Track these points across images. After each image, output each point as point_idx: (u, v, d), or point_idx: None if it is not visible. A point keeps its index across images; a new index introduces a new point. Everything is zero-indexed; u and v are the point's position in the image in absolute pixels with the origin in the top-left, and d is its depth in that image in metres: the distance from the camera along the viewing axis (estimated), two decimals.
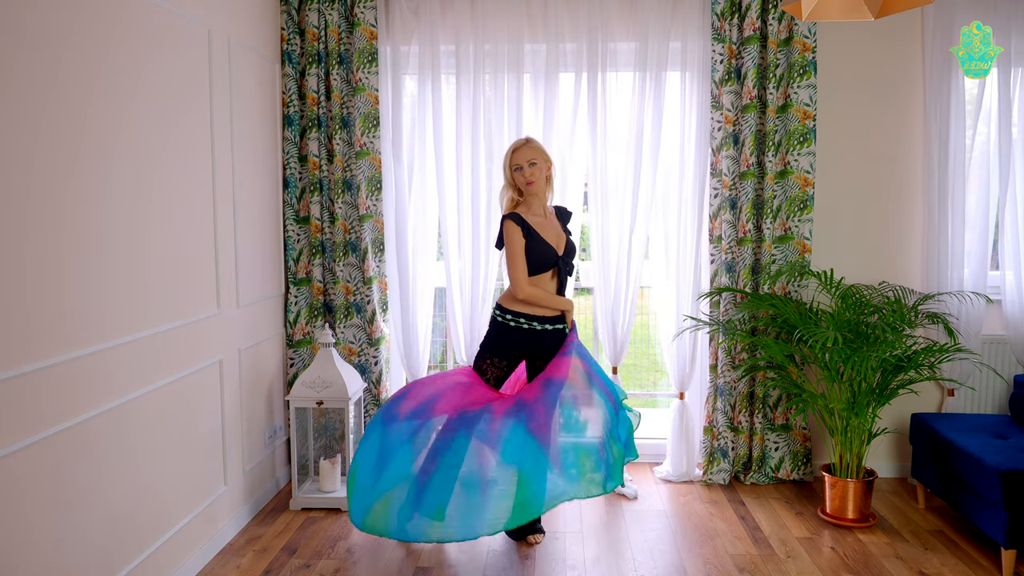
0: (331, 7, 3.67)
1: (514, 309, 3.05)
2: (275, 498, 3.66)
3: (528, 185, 3.04)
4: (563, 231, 3.15)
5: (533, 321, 3.05)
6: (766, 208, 3.69)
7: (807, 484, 3.83)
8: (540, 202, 3.11)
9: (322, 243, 3.84)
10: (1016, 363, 3.81)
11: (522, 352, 3.11)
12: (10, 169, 1.92)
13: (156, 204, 2.61)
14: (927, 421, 3.43)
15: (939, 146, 3.67)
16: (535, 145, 3.08)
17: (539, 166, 3.05)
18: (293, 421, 3.49)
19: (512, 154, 3.08)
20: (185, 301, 2.82)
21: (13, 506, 1.95)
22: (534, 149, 3.06)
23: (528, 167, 3.03)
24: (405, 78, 3.85)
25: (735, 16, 3.64)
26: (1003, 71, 3.62)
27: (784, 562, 2.99)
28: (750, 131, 3.67)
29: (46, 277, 2.06)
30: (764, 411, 3.80)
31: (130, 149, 2.44)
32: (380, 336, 3.85)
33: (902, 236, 3.86)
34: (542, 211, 3.11)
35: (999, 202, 3.72)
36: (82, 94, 2.20)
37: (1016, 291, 3.73)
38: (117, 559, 2.39)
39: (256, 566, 2.95)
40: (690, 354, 3.84)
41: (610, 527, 3.34)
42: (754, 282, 3.78)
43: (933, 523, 3.38)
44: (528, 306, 3.04)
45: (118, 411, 2.39)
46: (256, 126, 3.47)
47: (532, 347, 3.08)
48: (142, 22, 2.51)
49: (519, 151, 3.06)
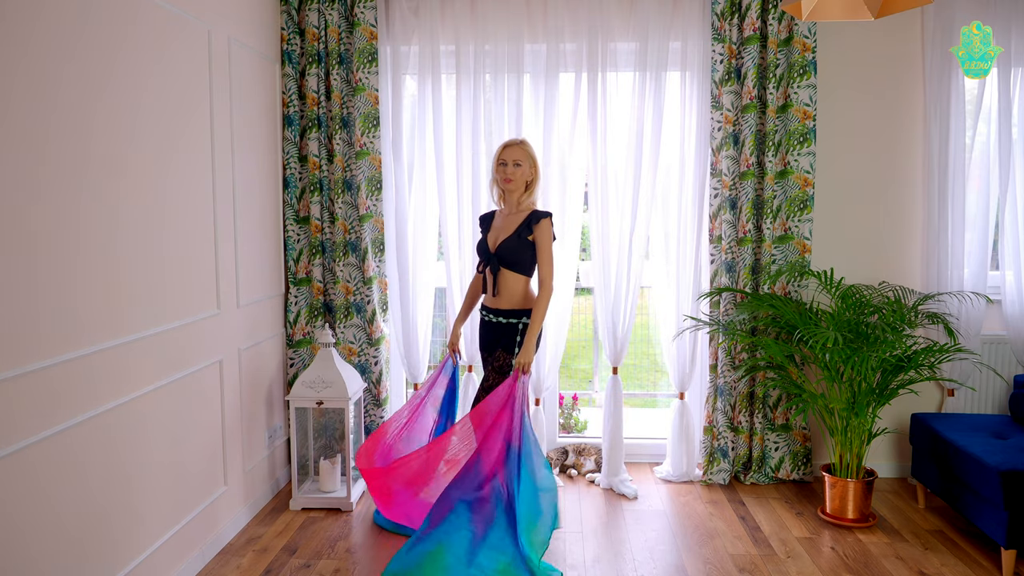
0: (331, 7, 3.67)
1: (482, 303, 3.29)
2: (275, 498, 3.66)
3: (505, 182, 3.13)
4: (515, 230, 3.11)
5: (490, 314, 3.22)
6: (766, 208, 3.69)
7: (807, 484, 3.83)
8: (512, 201, 3.19)
9: (322, 243, 3.84)
10: (1016, 363, 3.81)
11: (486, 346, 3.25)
12: (15, 171, 1.92)
13: (156, 204, 2.61)
14: (927, 421, 3.43)
15: (939, 146, 3.67)
16: (527, 148, 3.15)
17: (522, 168, 3.13)
18: (293, 421, 3.49)
19: (502, 149, 3.16)
20: (185, 301, 2.82)
21: (5, 508, 1.95)
22: (524, 151, 3.13)
23: (512, 166, 3.12)
24: (405, 78, 3.85)
25: (735, 16, 3.64)
26: (1003, 71, 3.62)
27: (784, 562, 2.99)
28: (750, 131, 3.67)
29: (45, 277, 2.06)
30: (764, 411, 3.80)
31: (130, 149, 2.44)
32: (380, 336, 3.85)
33: (902, 236, 3.86)
34: (509, 211, 3.20)
35: (999, 202, 3.72)
36: (82, 95, 2.19)
37: (1016, 291, 3.73)
38: (117, 559, 2.39)
39: (256, 566, 2.95)
40: (690, 354, 3.84)
41: (610, 527, 3.34)
42: (754, 282, 3.78)
43: (933, 523, 3.38)
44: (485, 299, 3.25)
45: (118, 411, 2.39)
46: (256, 126, 3.47)
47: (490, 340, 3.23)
48: (142, 22, 2.51)
49: (510, 148, 3.15)
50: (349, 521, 3.39)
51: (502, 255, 3.11)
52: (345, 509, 3.50)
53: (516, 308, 3.14)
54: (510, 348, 3.13)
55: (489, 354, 3.22)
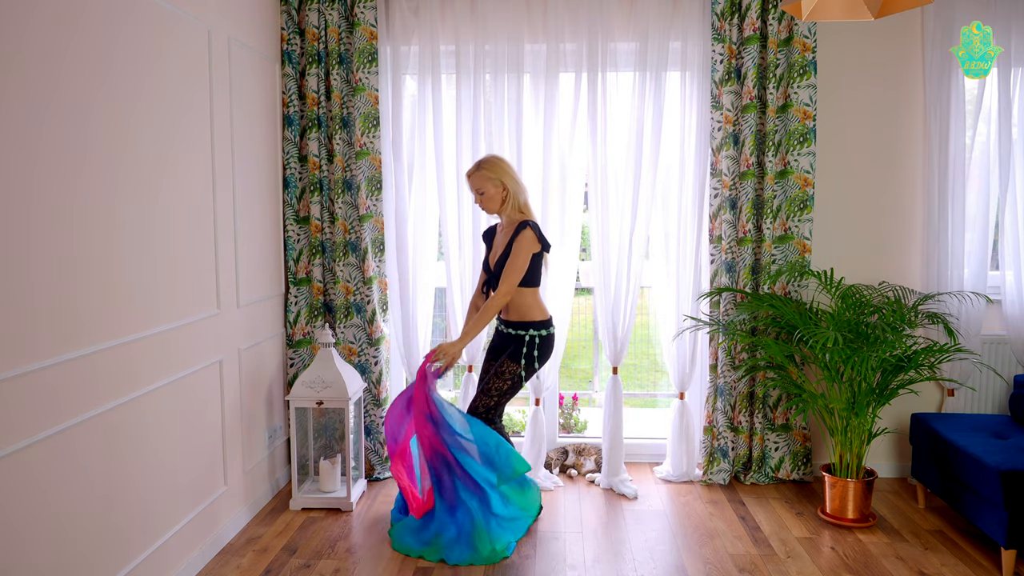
0: (331, 7, 3.67)
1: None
2: (275, 498, 3.66)
3: (483, 209, 3.24)
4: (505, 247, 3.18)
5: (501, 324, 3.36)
6: (766, 208, 3.69)
7: (807, 484, 3.83)
8: (504, 219, 3.27)
9: (322, 243, 3.84)
10: (1016, 363, 3.81)
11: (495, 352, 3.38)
12: (10, 171, 1.92)
13: (155, 204, 2.61)
14: (927, 421, 3.43)
15: (939, 146, 3.67)
16: (483, 173, 3.18)
17: (488, 195, 3.17)
18: (293, 421, 3.49)
19: (468, 179, 3.25)
20: (185, 301, 2.82)
21: (5, 508, 1.95)
22: (481, 178, 3.18)
23: (478, 196, 3.21)
24: (405, 78, 3.85)
25: (735, 16, 3.64)
26: (1003, 71, 3.62)
27: (784, 562, 2.99)
28: (750, 131, 3.67)
29: (44, 278, 2.06)
30: (764, 411, 3.80)
31: (129, 149, 2.44)
32: (380, 336, 3.85)
33: (902, 236, 3.86)
34: (503, 228, 3.27)
35: (999, 202, 3.72)
36: (82, 95, 2.19)
37: (1016, 291, 3.73)
38: (117, 559, 2.39)
39: (256, 566, 2.95)
40: (690, 354, 3.84)
41: (610, 527, 3.34)
42: (754, 282, 3.78)
43: (933, 523, 3.38)
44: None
45: (117, 411, 2.39)
46: (256, 126, 3.47)
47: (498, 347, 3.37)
48: (142, 22, 2.51)
49: (470, 178, 3.23)
50: (349, 521, 3.39)
51: (498, 273, 3.19)
52: (345, 509, 3.50)
53: (524, 320, 3.22)
54: (515, 357, 3.19)
55: (494, 359, 3.33)
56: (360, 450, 3.71)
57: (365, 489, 3.75)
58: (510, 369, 3.18)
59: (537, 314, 3.22)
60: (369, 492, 3.74)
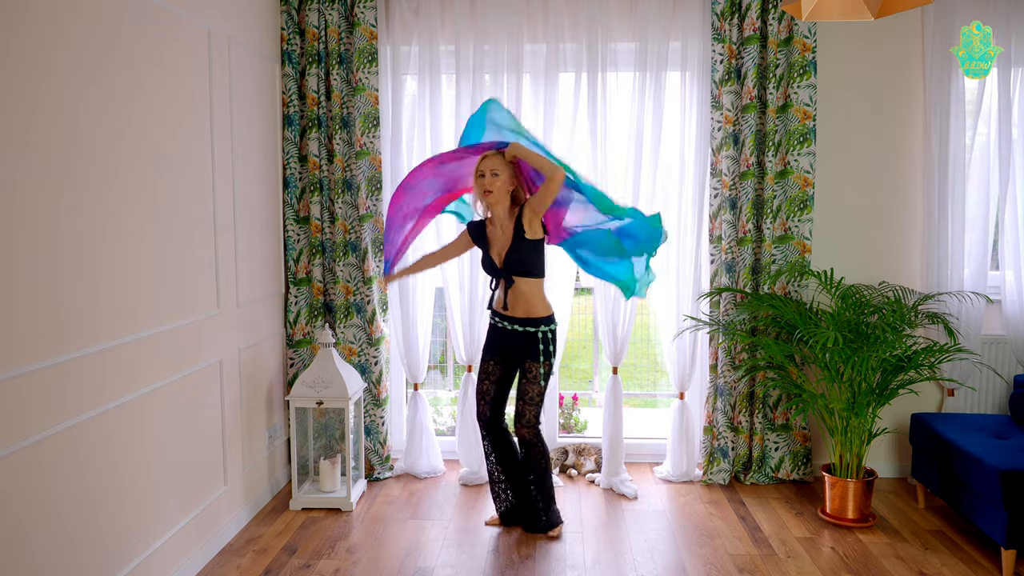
0: (331, 7, 3.67)
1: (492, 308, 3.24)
2: (275, 498, 3.66)
3: (485, 194, 3.09)
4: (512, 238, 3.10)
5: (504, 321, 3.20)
6: (766, 208, 3.69)
7: (807, 484, 3.83)
8: (500, 213, 3.15)
9: (322, 243, 3.84)
10: (1016, 363, 3.81)
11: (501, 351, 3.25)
12: (15, 172, 1.92)
13: (155, 203, 2.61)
14: (927, 421, 3.43)
15: (939, 146, 3.67)
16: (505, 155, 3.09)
17: (501, 177, 3.06)
18: (293, 421, 3.49)
19: (481, 160, 3.11)
20: (184, 301, 2.82)
21: (6, 508, 1.95)
22: (502, 160, 3.08)
23: (489, 176, 3.06)
24: (405, 78, 3.85)
25: (735, 16, 3.64)
26: (1003, 71, 3.62)
27: (784, 562, 2.99)
28: (750, 131, 3.67)
29: (43, 278, 2.06)
30: (764, 411, 3.80)
31: (131, 150, 2.44)
32: (380, 336, 3.85)
33: (902, 236, 3.86)
34: (500, 223, 3.16)
35: (999, 202, 3.72)
36: (82, 95, 2.20)
37: (1016, 291, 3.73)
38: (117, 558, 2.39)
39: (256, 566, 2.95)
40: (690, 354, 3.84)
41: (610, 527, 3.34)
42: (754, 282, 3.78)
43: (933, 523, 3.38)
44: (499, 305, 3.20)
45: (118, 411, 2.39)
46: (256, 126, 3.47)
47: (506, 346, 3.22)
48: (142, 22, 2.51)
49: (487, 158, 3.09)
50: (349, 521, 3.39)
51: (511, 265, 3.10)
52: (345, 509, 3.50)
53: (533, 316, 3.14)
54: (535, 356, 3.12)
55: (499, 361, 3.24)
56: (360, 450, 3.71)
57: (365, 489, 3.75)
58: (536, 370, 3.13)
59: (543, 309, 3.16)
60: (369, 492, 3.74)
